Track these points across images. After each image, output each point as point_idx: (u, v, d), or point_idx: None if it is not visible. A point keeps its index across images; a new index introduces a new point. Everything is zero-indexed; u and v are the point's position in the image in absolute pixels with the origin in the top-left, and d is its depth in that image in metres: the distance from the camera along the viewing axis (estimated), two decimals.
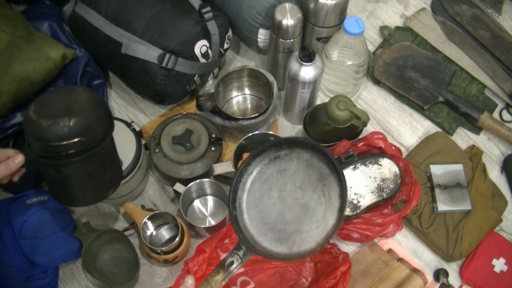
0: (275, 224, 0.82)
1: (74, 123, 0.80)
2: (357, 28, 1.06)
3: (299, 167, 0.84)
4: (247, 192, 0.84)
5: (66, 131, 0.80)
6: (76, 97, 0.85)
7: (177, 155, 1.09)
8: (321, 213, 0.82)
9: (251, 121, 1.11)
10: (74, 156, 0.83)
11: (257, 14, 1.18)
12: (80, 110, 0.82)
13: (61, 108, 0.83)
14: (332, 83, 1.21)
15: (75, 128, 0.81)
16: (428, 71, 1.30)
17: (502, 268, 1.10)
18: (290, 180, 0.84)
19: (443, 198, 1.13)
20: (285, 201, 0.83)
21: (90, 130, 0.83)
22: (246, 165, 0.84)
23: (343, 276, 0.99)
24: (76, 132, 0.81)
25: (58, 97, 0.86)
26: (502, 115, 1.29)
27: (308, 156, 0.84)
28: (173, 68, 1.10)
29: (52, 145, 0.81)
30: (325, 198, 0.82)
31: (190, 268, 1.00)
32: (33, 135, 0.81)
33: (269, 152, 0.84)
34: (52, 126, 0.80)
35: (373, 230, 1.08)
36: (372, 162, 1.07)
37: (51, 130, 0.80)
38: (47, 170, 0.87)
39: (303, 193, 0.83)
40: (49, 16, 1.21)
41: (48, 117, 0.80)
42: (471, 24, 1.37)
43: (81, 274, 1.10)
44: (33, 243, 1.04)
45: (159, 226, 1.12)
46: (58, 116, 0.81)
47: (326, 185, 0.83)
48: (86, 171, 0.87)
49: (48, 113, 0.81)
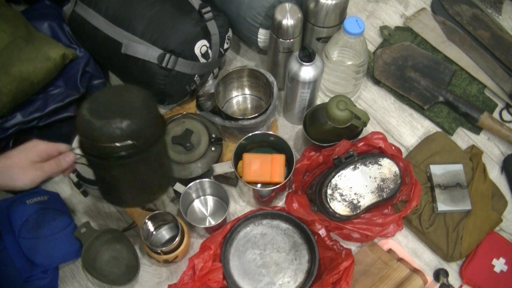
0: (254, 275, 1.06)
1: (126, 126, 0.78)
2: (357, 28, 1.06)
3: (278, 234, 1.10)
4: (233, 247, 1.09)
5: (118, 133, 0.78)
6: (130, 98, 0.83)
7: (177, 155, 1.09)
8: (292, 271, 1.07)
9: (251, 121, 1.11)
10: (125, 159, 0.81)
11: (257, 14, 1.18)
12: (134, 112, 0.80)
13: (114, 108, 0.81)
14: (332, 83, 1.21)
15: (128, 130, 0.79)
16: (428, 71, 1.30)
17: (502, 268, 1.10)
18: (270, 243, 1.09)
19: (443, 198, 1.13)
20: (264, 258, 1.08)
21: (142, 133, 0.81)
22: (237, 226, 1.08)
23: (346, 271, 0.99)
24: (128, 135, 0.79)
25: (112, 96, 0.84)
26: (502, 115, 1.29)
27: (286, 227, 1.11)
28: (173, 68, 1.10)
29: (103, 146, 0.79)
30: (296, 260, 1.08)
31: (196, 264, 1.01)
32: (85, 133, 0.80)
33: (255, 219, 1.10)
34: (104, 126, 0.78)
35: (373, 230, 1.08)
36: (372, 162, 1.07)
37: (103, 131, 0.78)
38: (97, 169, 0.87)
39: (279, 254, 1.08)
40: (49, 16, 1.21)
41: (101, 117, 0.79)
42: (471, 24, 1.37)
43: (81, 274, 1.10)
44: (33, 243, 1.04)
45: (159, 226, 1.12)
46: (111, 116, 0.79)
47: (298, 251, 1.09)
48: (136, 174, 0.86)
49: (101, 112, 0.79)
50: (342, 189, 1.05)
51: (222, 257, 1.05)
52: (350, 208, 1.05)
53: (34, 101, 1.13)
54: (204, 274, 1.01)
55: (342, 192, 1.05)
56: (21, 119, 1.11)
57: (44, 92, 1.14)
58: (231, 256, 1.08)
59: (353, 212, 1.05)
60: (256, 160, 1.10)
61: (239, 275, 1.06)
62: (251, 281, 1.06)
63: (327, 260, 1.06)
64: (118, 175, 0.86)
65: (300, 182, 1.15)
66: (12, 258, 1.03)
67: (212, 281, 1.02)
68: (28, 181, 0.84)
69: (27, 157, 0.85)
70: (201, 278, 1.01)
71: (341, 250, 1.05)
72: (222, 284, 1.03)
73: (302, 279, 1.06)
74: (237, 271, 1.07)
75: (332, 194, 1.05)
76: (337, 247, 1.06)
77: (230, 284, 1.04)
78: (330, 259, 1.05)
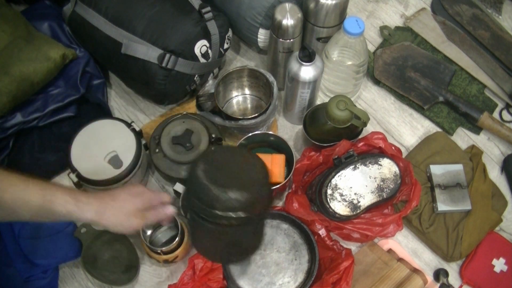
0: (254, 275, 1.05)
1: (244, 199, 0.78)
2: (357, 28, 1.06)
3: (278, 234, 1.09)
4: None
5: (235, 205, 0.78)
6: (248, 166, 0.84)
7: (177, 155, 1.09)
8: (292, 272, 1.06)
9: (251, 121, 1.11)
10: (232, 226, 0.82)
11: (257, 14, 1.18)
12: (252, 184, 0.81)
13: (233, 176, 0.81)
14: (332, 83, 1.21)
15: (245, 203, 0.79)
16: (428, 71, 1.30)
17: (502, 268, 1.10)
18: (270, 243, 1.08)
19: (443, 198, 1.13)
20: (264, 258, 1.07)
21: (256, 206, 0.81)
22: None
23: (346, 271, 1.00)
24: (243, 208, 0.79)
25: (230, 160, 0.84)
26: (502, 115, 1.28)
27: (286, 227, 1.10)
28: (173, 68, 1.10)
29: (215, 213, 0.79)
30: (296, 260, 1.07)
31: (196, 264, 1.02)
32: (199, 197, 0.80)
33: None
34: (221, 196, 0.78)
35: (374, 230, 1.08)
36: (372, 162, 1.07)
37: (219, 200, 0.78)
38: (198, 227, 0.86)
39: (279, 254, 1.07)
40: (49, 16, 1.21)
41: (219, 184, 0.78)
42: (471, 24, 1.37)
43: (81, 274, 1.10)
44: (33, 243, 1.04)
45: (159, 226, 1.12)
46: (230, 186, 0.78)
47: (298, 251, 1.08)
48: (236, 238, 0.86)
49: (219, 179, 0.79)
50: (342, 189, 1.05)
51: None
52: (350, 208, 1.05)
53: (34, 101, 1.13)
54: (204, 274, 1.01)
55: (342, 192, 1.05)
56: (21, 119, 1.11)
57: (44, 92, 1.14)
58: None
59: (353, 212, 1.05)
60: None
61: (239, 275, 1.06)
62: (251, 281, 1.06)
63: (327, 260, 1.06)
64: (217, 236, 0.85)
65: (300, 182, 1.15)
66: (12, 258, 1.03)
67: (212, 281, 1.02)
68: (132, 229, 0.86)
69: (134, 204, 0.86)
70: (201, 278, 1.01)
71: (341, 250, 1.05)
72: (222, 284, 1.03)
73: (302, 279, 1.06)
74: (237, 271, 1.06)
75: (332, 194, 1.05)
76: (337, 247, 1.06)
77: (230, 284, 1.04)
78: (330, 259, 1.05)
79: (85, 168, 1.04)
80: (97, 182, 1.04)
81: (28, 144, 1.15)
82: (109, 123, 1.10)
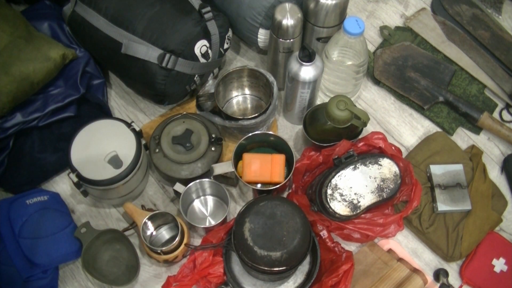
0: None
1: (285, 258, 0.93)
2: (357, 28, 1.06)
3: None
4: None
5: (277, 263, 0.93)
6: (289, 227, 0.95)
7: (177, 155, 1.09)
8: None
9: (251, 121, 1.11)
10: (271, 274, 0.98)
11: (257, 14, 1.18)
12: (292, 244, 0.93)
13: (276, 239, 0.94)
14: (332, 83, 1.21)
15: (285, 261, 0.93)
16: (428, 71, 1.30)
17: (502, 268, 1.10)
18: None
19: (443, 198, 1.13)
20: None
21: (295, 259, 0.95)
22: None
23: (346, 274, 0.99)
24: (284, 264, 0.94)
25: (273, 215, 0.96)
26: (502, 115, 1.29)
27: None
28: (173, 68, 1.10)
29: (260, 267, 0.94)
30: None
31: (197, 258, 1.03)
32: (246, 254, 0.95)
33: None
34: (265, 257, 0.93)
35: (374, 230, 1.08)
36: (372, 162, 1.07)
37: (263, 260, 0.93)
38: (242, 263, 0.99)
39: None
40: (49, 16, 1.21)
41: (263, 247, 0.93)
42: (471, 24, 1.37)
43: (81, 274, 1.10)
44: (33, 243, 1.04)
45: (159, 226, 1.12)
46: (273, 248, 0.93)
47: None
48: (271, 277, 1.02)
49: (264, 242, 0.93)
50: (342, 189, 1.05)
51: (224, 251, 1.05)
52: (350, 208, 1.05)
53: (34, 101, 1.13)
54: (205, 268, 1.02)
55: (342, 192, 1.05)
56: (21, 119, 1.11)
57: (44, 92, 1.14)
58: (233, 253, 1.07)
59: (353, 212, 1.05)
60: (256, 160, 1.10)
61: (239, 271, 1.06)
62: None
63: (327, 262, 1.05)
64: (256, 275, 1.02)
65: (300, 182, 1.15)
66: (12, 258, 1.03)
67: (213, 275, 1.02)
68: None
69: None
70: (201, 272, 1.01)
71: (342, 252, 1.04)
72: (221, 279, 1.03)
73: (302, 280, 1.06)
74: (238, 267, 1.06)
75: (332, 194, 1.05)
76: (338, 249, 1.06)
77: (229, 279, 1.03)
78: (330, 261, 1.05)
79: (85, 168, 1.04)
80: (97, 182, 1.04)
81: (28, 144, 1.15)
82: (109, 123, 1.10)
